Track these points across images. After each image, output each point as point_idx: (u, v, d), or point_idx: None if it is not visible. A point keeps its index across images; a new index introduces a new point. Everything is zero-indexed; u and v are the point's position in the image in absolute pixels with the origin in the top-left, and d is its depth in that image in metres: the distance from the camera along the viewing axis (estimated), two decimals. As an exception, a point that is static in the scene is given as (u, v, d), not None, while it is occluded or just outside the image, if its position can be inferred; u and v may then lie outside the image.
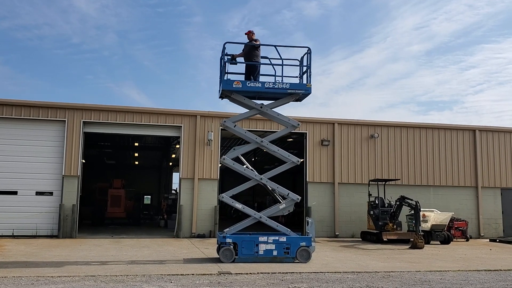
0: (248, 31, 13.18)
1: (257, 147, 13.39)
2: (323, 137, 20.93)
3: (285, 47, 13.05)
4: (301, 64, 13.30)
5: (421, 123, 22.41)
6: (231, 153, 12.93)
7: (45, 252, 13.48)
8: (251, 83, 12.56)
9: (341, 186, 20.85)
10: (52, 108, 18.71)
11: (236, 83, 12.50)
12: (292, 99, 13.11)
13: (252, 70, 12.94)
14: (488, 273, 10.98)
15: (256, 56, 12.94)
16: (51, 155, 18.54)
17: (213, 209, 19.40)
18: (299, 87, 12.82)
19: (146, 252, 14.07)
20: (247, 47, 12.95)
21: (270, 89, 12.55)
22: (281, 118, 13.19)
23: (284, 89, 12.66)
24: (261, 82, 12.63)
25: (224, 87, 12.57)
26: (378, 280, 9.67)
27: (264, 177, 12.81)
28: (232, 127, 12.89)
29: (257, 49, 12.93)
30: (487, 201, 22.26)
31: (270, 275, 10.14)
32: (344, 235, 20.51)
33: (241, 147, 13.30)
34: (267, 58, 12.92)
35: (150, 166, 40.27)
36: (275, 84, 12.57)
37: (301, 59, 13.29)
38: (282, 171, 13.24)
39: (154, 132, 20.39)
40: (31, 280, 8.98)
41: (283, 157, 13.10)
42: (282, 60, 12.69)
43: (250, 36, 13.12)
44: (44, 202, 18.29)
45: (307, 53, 12.98)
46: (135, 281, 9.01)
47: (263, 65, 13.07)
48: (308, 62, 12.97)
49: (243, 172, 12.82)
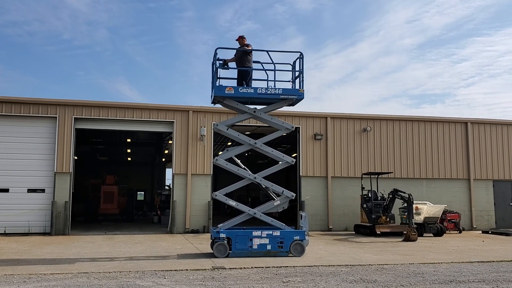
0: (239, 36, 13.07)
1: (250, 148, 13.29)
2: (316, 131, 20.93)
3: (277, 52, 13.02)
4: (293, 69, 13.23)
5: (414, 116, 22.47)
6: (224, 154, 12.88)
7: (37, 250, 13.39)
8: (243, 89, 12.48)
9: (334, 180, 20.88)
10: (43, 104, 18.55)
11: (228, 89, 12.40)
12: (286, 104, 13.07)
13: (244, 76, 12.86)
14: (481, 265, 11.05)
15: (248, 61, 12.84)
16: (42, 152, 18.39)
17: (207, 204, 19.36)
18: (291, 93, 12.73)
19: (140, 248, 14.01)
20: (239, 52, 12.84)
21: (263, 95, 12.50)
22: (275, 122, 13.13)
23: (277, 95, 12.60)
24: (254, 88, 12.56)
25: (216, 93, 12.47)
26: (371, 273, 9.69)
27: (258, 176, 12.78)
28: (225, 130, 12.83)
29: (249, 54, 12.84)
30: (479, 193, 22.40)
31: (264, 269, 10.13)
32: (337, 228, 20.57)
33: (234, 148, 13.17)
34: (260, 63, 12.84)
35: (143, 162, 40.16)
36: (268, 89, 12.50)
37: (293, 63, 13.21)
38: (276, 170, 13.22)
39: (147, 128, 20.28)
40: (23, 278, 8.91)
41: (277, 158, 13.07)
42: (274, 65, 12.61)
43: (241, 41, 13.03)
44: (36, 199, 18.15)
45: (299, 58, 12.89)
46: (129, 278, 8.96)
47: (255, 70, 13.00)
48: (300, 67, 12.89)
49: (237, 172, 12.80)
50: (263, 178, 12.80)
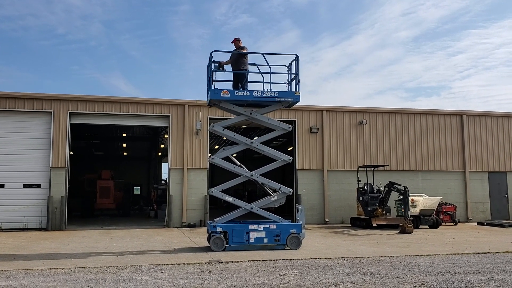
0: (235, 38, 13.03)
1: (247, 147, 13.26)
2: (312, 125, 20.93)
3: (273, 54, 12.91)
4: (289, 71, 13.18)
5: (409, 109, 22.52)
6: (220, 153, 12.85)
7: (34, 245, 13.36)
8: (239, 92, 12.44)
9: (330, 173, 20.92)
10: (38, 99, 18.46)
11: (224, 92, 12.34)
12: (282, 106, 13.05)
13: (240, 78, 12.85)
14: (476, 256, 11.10)
15: (244, 64, 12.80)
16: (38, 147, 18.32)
17: (203, 198, 19.36)
18: (287, 95, 12.71)
19: (137, 242, 14.01)
20: (235, 55, 12.81)
21: (259, 98, 12.47)
22: (271, 123, 13.11)
23: (273, 98, 12.56)
24: (250, 91, 12.52)
25: (212, 96, 12.42)
26: (368, 265, 9.73)
27: (255, 173, 12.77)
28: (221, 131, 12.79)
29: (245, 57, 12.80)
30: (475, 185, 22.51)
31: (261, 262, 10.15)
32: (333, 221, 20.64)
33: (231, 147, 13.13)
34: (255, 65, 12.79)
35: (139, 156, 40.07)
36: (264, 92, 12.46)
37: (289, 65, 13.17)
38: (273, 168, 13.21)
39: (142, 122, 20.22)
40: (20, 273, 8.89)
41: (274, 156, 13.07)
42: (270, 68, 12.54)
43: (237, 44, 13.00)
44: (32, 195, 18.11)
45: (295, 60, 12.84)
46: (126, 272, 8.96)
47: (251, 73, 12.97)
48: (296, 69, 12.84)
49: (233, 170, 12.79)
50: (259, 175, 12.82)
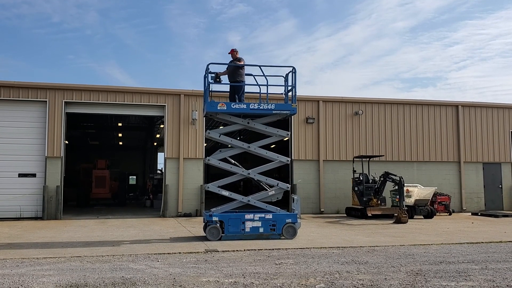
0: (232, 49, 12.98)
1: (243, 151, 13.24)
2: (308, 115, 20.93)
3: (270, 67, 12.90)
4: (285, 82, 13.14)
5: (405, 100, 22.54)
6: (217, 155, 12.84)
7: (29, 234, 13.36)
8: (235, 105, 12.38)
9: (326, 163, 20.97)
10: (33, 88, 18.34)
11: (220, 105, 12.29)
12: (279, 118, 13.01)
13: (237, 90, 12.82)
14: (470, 246, 11.20)
15: (241, 75, 12.75)
16: (33, 136, 18.25)
17: (199, 188, 19.38)
18: (284, 108, 12.66)
19: (132, 232, 14.04)
20: (231, 66, 12.77)
21: (256, 110, 12.45)
22: (269, 131, 13.06)
23: (270, 110, 12.52)
24: (246, 104, 12.49)
25: (208, 109, 12.37)
26: (363, 255, 9.80)
27: (252, 171, 12.78)
28: (217, 137, 12.78)
29: (242, 68, 12.76)
30: (469, 175, 22.63)
31: (257, 251, 10.20)
32: (329, 211, 20.73)
33: (227, 150, 13.10)
34: (252, 75, 12.75)
35: (135, 146, 40.00)
36: (260, 105, 12.42)
37: (286, 76, 13.12)
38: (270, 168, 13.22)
39: (138, 112, 20.15)
40: (16, 262, 8.90)
41: (272, 159, 13.06)
42: (267, 80, 12.47)
43: (234, 55, 12.96)
44: (27, 184, 18.06)
45: (292, 72, 12.76)
46: (122, 261, 8.98)
47: (247, 85, 12.96)
48: (293, 81, 12.77)
49: (230, 170, 12.79)
50: (256, 174, 12.84)
